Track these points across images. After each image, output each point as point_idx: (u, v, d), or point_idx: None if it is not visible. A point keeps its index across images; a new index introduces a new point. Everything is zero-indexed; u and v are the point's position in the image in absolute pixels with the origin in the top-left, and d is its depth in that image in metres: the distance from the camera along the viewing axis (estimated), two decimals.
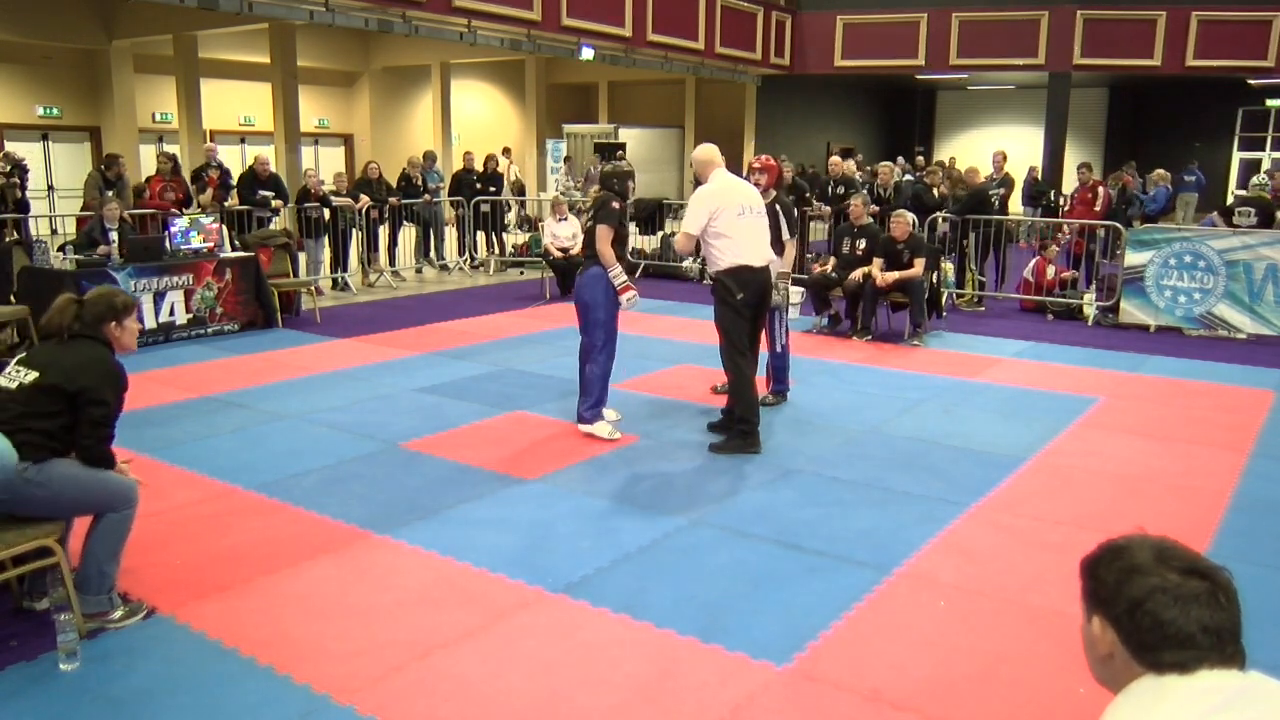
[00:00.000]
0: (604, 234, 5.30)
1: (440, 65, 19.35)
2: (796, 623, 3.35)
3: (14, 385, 3.20)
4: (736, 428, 5.35)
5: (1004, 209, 11.45)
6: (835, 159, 12.40)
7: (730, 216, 5.18)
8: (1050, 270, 10.11)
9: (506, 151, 16.00)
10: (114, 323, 3.39)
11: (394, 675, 3.00)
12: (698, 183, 5.54)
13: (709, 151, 5.46)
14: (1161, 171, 13.69)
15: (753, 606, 3.48)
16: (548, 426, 5.77)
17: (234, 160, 16.73)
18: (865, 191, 10.54)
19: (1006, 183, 11.92)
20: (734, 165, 6.04)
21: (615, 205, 5.32)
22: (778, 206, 6.01)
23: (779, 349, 6.25)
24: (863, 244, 8.69)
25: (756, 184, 5.84)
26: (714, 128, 20.06)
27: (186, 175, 11.78)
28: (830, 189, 11.38)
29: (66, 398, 3.19)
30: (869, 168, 13.93)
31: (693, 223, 5.22)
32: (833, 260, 8.97)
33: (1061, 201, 14.57)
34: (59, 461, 3.21)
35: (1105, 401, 6.47)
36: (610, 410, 5.63)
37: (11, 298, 7.79)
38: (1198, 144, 21.21)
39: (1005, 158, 12.34)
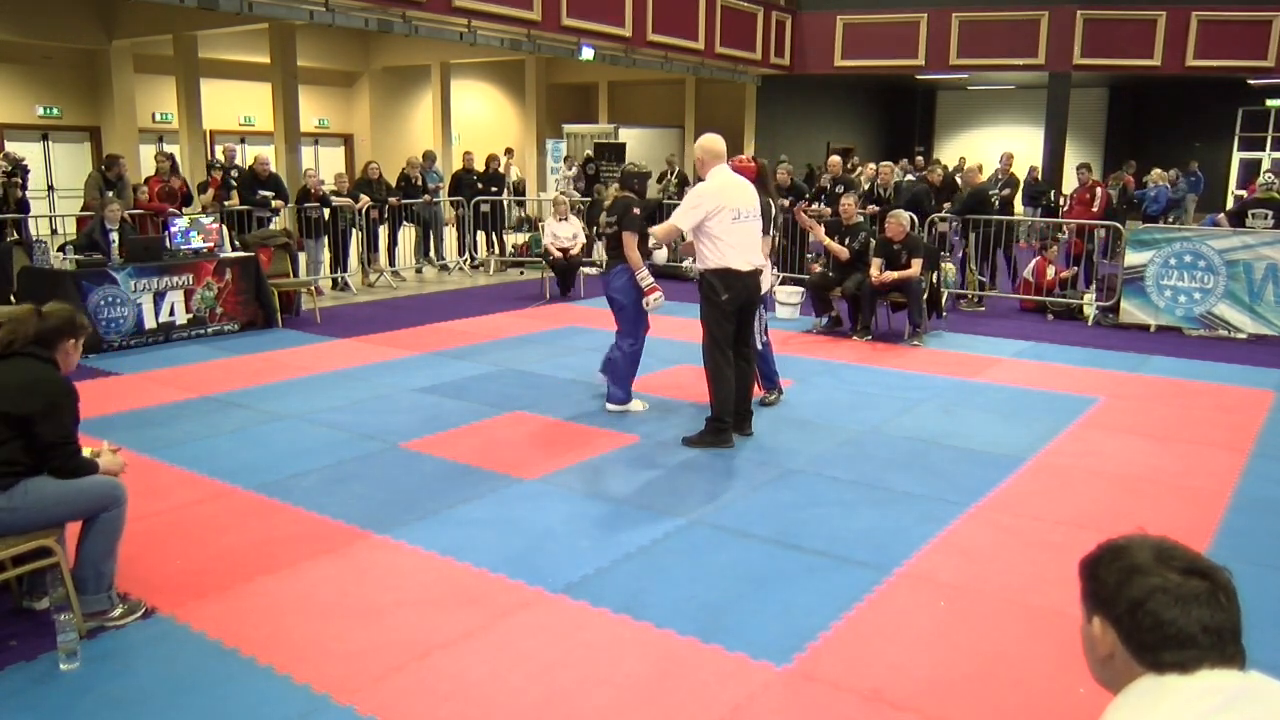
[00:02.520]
0: (629, 240, 5.73)
1: (440, 65, 19.34)
2: (796, 623, 3.35)
3: None
4: (709, 423, 5.40)
5: (1008, 209, 11.41)
6: (834, 159, 12.39)
7: (725, 221, 5.18)
8: (1050, 270, 10.12)
9: (509, 152, 15.98)
10: (72, 340, 3.30)
11: (394, 675, 3.00)
12: (697, 177, 5.53)
13: (716, 144, 5.36)
14: (1159, 171, 13.69)
15: (753, 606, 3.48)
16: (548, 426, 5.78)
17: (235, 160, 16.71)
18: (856, 191, 10.51)
19: (1012, 183, 11.89)
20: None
21: (637, 211, 5.74)
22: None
23: (758, 347, 6.18)
24: (849, 241, 8.67)
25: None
26: (714, 128, 19.83)
27: (185, 175, 11.78)
28: (830, 188, 11.37)
29: (15, 422, 3.08)
30: (854, 165, 13.93)
31: (685, 219, 5.21)
32: (831, 242, 8.81)
33: (1061, 201, 14.57)
34: (29, 482, 3.13)
35: (1105, 401, 6.47)
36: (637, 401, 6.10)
37: (11, 298, 7.79)
38: (1198, 144, 21.19)
39: (1012, 159, 12.33)
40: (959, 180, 11.98)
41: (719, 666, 3.07)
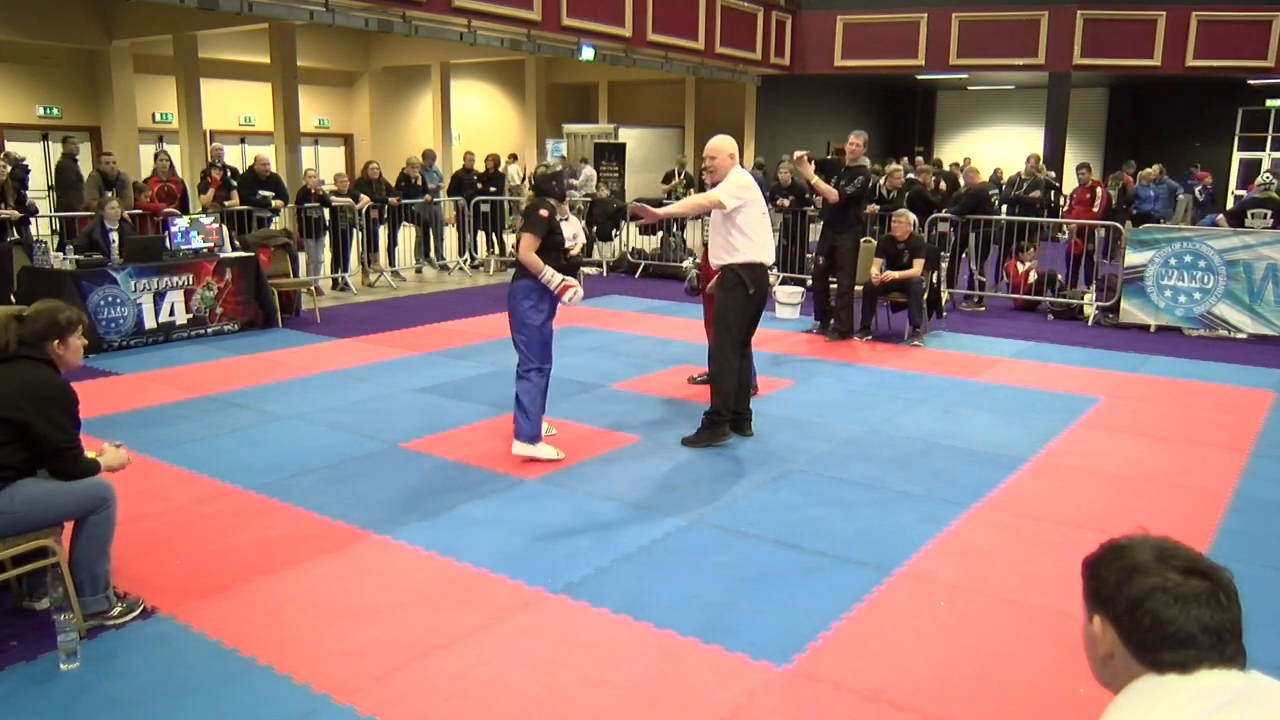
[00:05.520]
0: (528, 243, 4.98)
1: (440, 65, 19.34)
2: (796, 623, 3.35)
3: None
4: (707, 418, 5.43)
5: (1033, 212, 11.29)
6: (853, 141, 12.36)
7: (757, 213, 5.28)
8: (1021, 268, 10.18)
9: (514, 158, 16.00)
10: (56, 341, 3.22)
11: (394, 675, 3.00)
12: (702, 179, 5.52)
13: (732, 143, 5.38)
14: (1148, 170, 13.65)
15: (753, 606, 3.48)
16: (548, 426, 5.77)
17: (234, 160, 16.73)
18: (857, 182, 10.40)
19: (1039, 185, 11.79)
20: None
21: (543, 214, 4.98)
22: None
23: None
24: (845, 184, 8.58)
25: (715, 183, 5.84)
26: (714, 128, 19.88)
27: (185, 175, 11.77)
28: (835, 185, 11.33)
29: (16, 427, 3.06)
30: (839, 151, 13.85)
31: (729, 197, 5.16)
32: (820, 182, 8.64)
33: (1061, 201, 14.55)
34: (19, 484, 3.12)
35: (1105, 401, 6.47)
36: (546, 422, 5.33)
37: (11, 298, 7.79)
38: (1198, 144, 21.18)
39: (1039, 160, 12.22)
40: (960, 180, 11.95)
41: (719, 666, 3.07)
